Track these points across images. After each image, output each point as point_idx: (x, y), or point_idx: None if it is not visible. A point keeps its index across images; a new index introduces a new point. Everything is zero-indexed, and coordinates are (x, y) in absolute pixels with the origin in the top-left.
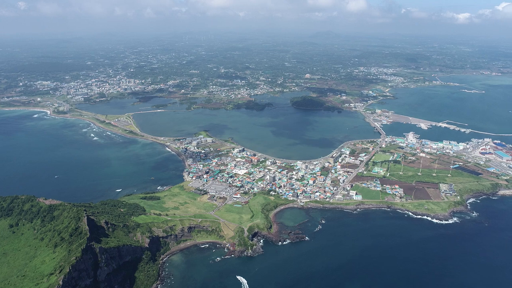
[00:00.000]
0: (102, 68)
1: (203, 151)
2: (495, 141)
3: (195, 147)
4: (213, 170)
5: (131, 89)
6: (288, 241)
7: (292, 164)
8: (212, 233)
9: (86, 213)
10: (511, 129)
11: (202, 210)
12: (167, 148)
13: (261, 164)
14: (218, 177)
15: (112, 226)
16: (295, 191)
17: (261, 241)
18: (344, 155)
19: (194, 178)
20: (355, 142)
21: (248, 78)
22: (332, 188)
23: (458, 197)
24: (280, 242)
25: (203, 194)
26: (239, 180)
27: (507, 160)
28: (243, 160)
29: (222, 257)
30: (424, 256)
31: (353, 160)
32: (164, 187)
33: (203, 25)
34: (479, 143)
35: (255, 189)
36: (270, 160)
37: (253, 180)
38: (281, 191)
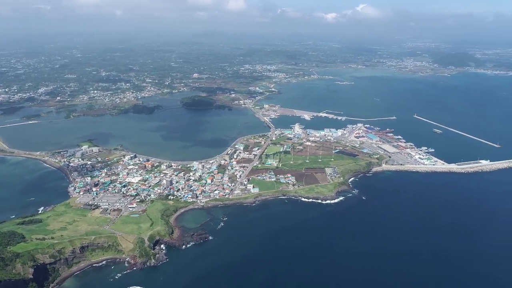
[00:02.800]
0: None
1: (89, 163)
2: (366, 125)
3: (80, 159)
4: (103, 182)
5: None
6: (192, 243)
7: (188, 165)
8: (109, 249)
9: None
10: (377, 114)
11: (95, 226)
12: (45, 164)
13: (156, 169)
14: (110, 188)
15: None
16: (194, 192)
17: (164, 248)
18: (239, 151)
19: (81, 193)
20: (248, 138)
21: (133, 80)
22: (230, 185)
23: (341, 178)
24: (184, 246)
25: (94, 209)
26: (133, 189)
27: (376, 141)
28: (136, 167)
29: (123, 272)
30: (316, 232)
31: (248, 155)
32: (47, 208)
33: (76, 25)
34: (353, 128)
35: (152, 195)
36: (165, 164)
37: (149, 186)
38: (179, 194)
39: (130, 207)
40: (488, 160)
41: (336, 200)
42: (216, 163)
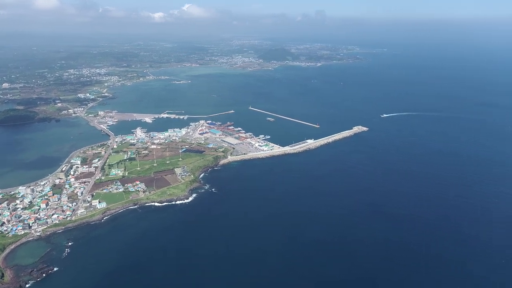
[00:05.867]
0: None
1: None
2: (208, 121)
3: None
4: None
5: None
6: (32, 281)
7: (12, 192)
8: None
9: None
10: (216, 109)
11: None
12: None
13: None
14: None
15: None
16: (26, 222)
17: None
18: (76, 165)
19: None
20: (85, 150)
21: None
22: (71, 205)
23: (192, 176)
24: None
25: None
26: None
27: (219, 136)
28: None
29: None
30: (171, 232)
31: (87, 169)
32: None
33: None
34: (197, 125)
35: None
36: None
37: None
38: (5, 228)
39: None
40: (313, 139)
41: (190, 199)
42: (49, 184)
